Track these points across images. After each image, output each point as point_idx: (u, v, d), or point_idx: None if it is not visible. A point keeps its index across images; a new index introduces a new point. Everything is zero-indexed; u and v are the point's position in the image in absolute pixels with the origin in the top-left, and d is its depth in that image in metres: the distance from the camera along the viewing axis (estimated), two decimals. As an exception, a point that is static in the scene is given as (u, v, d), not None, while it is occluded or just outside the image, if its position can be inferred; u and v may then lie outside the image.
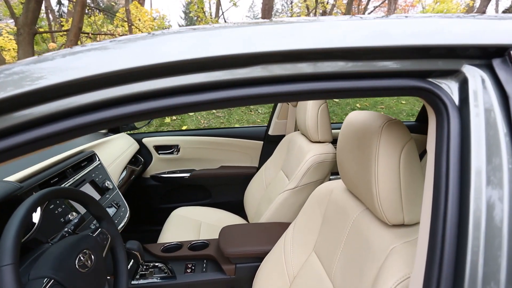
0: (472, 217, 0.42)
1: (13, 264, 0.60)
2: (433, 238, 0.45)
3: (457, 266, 0.43)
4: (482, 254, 0.42)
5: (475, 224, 0.42)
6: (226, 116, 4.93)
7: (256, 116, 4.99)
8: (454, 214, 0.44)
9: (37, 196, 0.73)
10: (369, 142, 0.68)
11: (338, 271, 0.81)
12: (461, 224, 0.43)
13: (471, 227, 0.42)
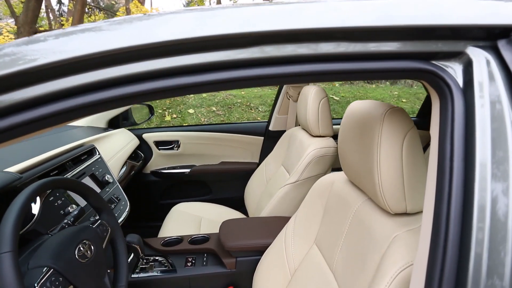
0: (477, 200, 0.42)
1: (12, 251, 0.60)
2: (437, 226, 0.45)
3: (461, 255, 0.42)
4: (487, 242, 0.41)
5: (480, 209, 0.41)
6: (226, 114, 4.92)
7: (256, 114, 4.98)
8: (459, 200, 0.43)
9: (37, 185, 0.73)
10: (371, 130, 0.67)
11: (339, 262, 0.81)
12: (466, 210, 0.42)
13: (475, 213, 0.42)
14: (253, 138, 1.99)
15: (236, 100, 5.30)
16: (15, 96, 0.39)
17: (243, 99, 5.37)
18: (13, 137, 0.41)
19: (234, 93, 5.65)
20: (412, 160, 0.65)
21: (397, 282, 0.57)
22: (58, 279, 0.68)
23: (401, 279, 0.57)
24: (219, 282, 1.17)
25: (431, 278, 0.44)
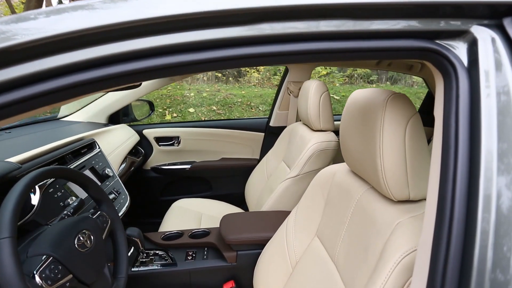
0: (482, 180, 0.41)
1: (11, 237, 0.59)
2: (441, 210, 0.44)
3: (466, 240, 0.41)
4: (493, 227, 0.40)
5: (486, 189, 0.41)
6: (226, 113, 4.92)
7: (256, 112, 4.98)
8: (464, 181, 0.42)
9: (36, 173, 0.72)
10: (373, 116, 0.66)
11: (341, 253, 0.80)
12: (471, 192, 0.42)
13: (481, 193, 0.41)
14: (254, 134, 1.98)
15: (237, 99, 5.30)
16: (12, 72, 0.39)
17: (243, 98, 5.37)
18: (11, 114, 0.41)
19: (235, 92, 5.65)
20: (415, 146, 0.64)
21: (400, 268, 0.56)
22: (57, 267, 0.67)
23: (404, 264, 0.56)
24: (219, 276, 1.16)
25: (435, 264, 0.43)
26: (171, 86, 5.76)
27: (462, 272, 0.40)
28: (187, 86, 6.03)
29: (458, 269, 0.41)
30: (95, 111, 1.71)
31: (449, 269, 0.41)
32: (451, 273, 0.41)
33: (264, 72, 7.23)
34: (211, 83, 6.69)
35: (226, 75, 7.87)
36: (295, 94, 1.79)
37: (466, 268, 0.40)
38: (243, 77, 7.63)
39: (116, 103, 1.71)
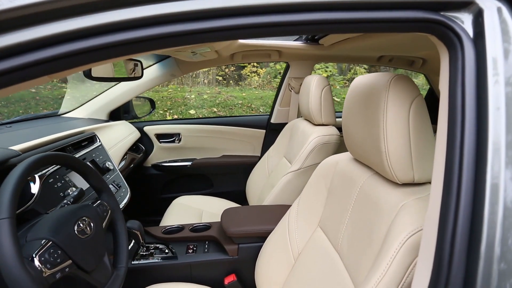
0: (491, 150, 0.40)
1: (10, 218, 0.58)
2: (448, 186, 0.43)
3: (474, 217, 0.40)
4: (502, 205, 0.39)
5: (493, 162, 0.40)
6: (227, 115, 4.92)
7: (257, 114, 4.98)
8: (471, 151, 0.41)
9: (37, 157, 0.71)
10: (377, 98, 0.66)
11: (344, 241, 0.79)
12: (479, 165, 0.41)
13: (489, 168, 0.40)
14: (255, 131, 1.97)
15: (237, 101, 5.31)
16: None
17: (244, 100, 5.38)
18: (13, 82, 0.40)
19: (235, 94, 5.66)
20: (419, 128, 0.63)
21: (406, 248, 0.55)
22: (56, 252, 0.66)
23: (410, 244, 0.55)
24: (221, 269, 1.14)
25: (442, 242, 0.42)
26: (172, 89, 5.78)
27: (470, 249, 0.39)
28: (188, 89, 6.04)
29: (465, 246, 0.40)
30: (96, 107, 1.71)
31: (456, 247, 0.40)
32: (458, 251, 0.40)
33: (264, 75, 7.24)
34: (212, 86, 6.70)
35: (227, 79, 7.89)
36: (296, 90, 1.78)
37: (474, 243, 0.39)
38: (243, 80, 7.64)
39: (116, 100, 1.71)
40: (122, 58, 0.46)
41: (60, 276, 0.66)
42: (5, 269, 0.55)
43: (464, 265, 0.39)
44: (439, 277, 0.40)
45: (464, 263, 0.39)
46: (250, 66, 7.95)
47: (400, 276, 0.54)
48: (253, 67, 7.93)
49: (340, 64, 8.66)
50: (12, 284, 0.56)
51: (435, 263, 0.43)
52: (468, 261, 0.39)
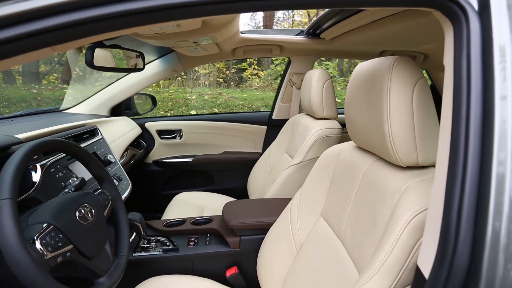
0: (498, 120, 0.39)
1: (12, 198, 0.58)
2: (453, 163, 0.42)
3: (480, 193, 0.39)
4: (509, 180, 0.39)
5: (501, 129, 0.39)
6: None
7: (258, 115, 4.98)
8: (478, 121, 0.40)
9: (40, 141, 0.71)
10: (380, 81, 0.65)
11: (348, 228, 0.78)
12: (485, 139, 0.40)
13: (496, 136, 0.39)
14: (256, 128, 1.97)
15: (238, 102, 5.32)
16: None
17: (245, 101, 5.39)
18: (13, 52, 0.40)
19: (236, 95, 5.67)
20: (423, 110, 0.63)
21: (410, 227, 0.54)
22: (58, 236, 0.66)
23: (414, 224, 0.54)
24: (222, 262, 1.14)
25: (447, 219, 0.41)
26: (173, 90, 5.79)
27: (476, 224, 0.39)
28: (189, 90, 6.06)
29: (472, 221, 0.39)
30: (98, 103, 1.71)
31: (463, 225, 0.40)
32: (464, 227, 0.39)
33: (265, 76, 7.26)
34: (212, 88, 6.72)
35: (228, 81, 7.91)
36: (298, 85, 1.78)
37: (481, 218, 0.38)
38: (244, 83, 7.66)
39: (118, 95, 1.71)
40: (129, 31, 0.45)
41: (62, 260, 0.65)
42: (6, 250, 0.55)
43: (471, 240, 0.38)
44: (444, 255, 0.39)
45: (471, 238, 0.38)
46: (250, 69, 7.98)
47: (405, 256, 0.54)
48: (253, 69, 7.96)
49: (341, 66, 8.69)
50: (13, 264, 0.55)
51: (440, 241, 0.42)
52: (474, 235, 0.38)
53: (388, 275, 0.54)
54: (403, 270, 0.54)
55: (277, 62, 7.54)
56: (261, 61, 8.66)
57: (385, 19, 1.04)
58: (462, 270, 0.37)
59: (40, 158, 0.96)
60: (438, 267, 0.39)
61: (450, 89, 0.46)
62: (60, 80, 6.90)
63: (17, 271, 0.55)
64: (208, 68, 7.93)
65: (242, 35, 1.47)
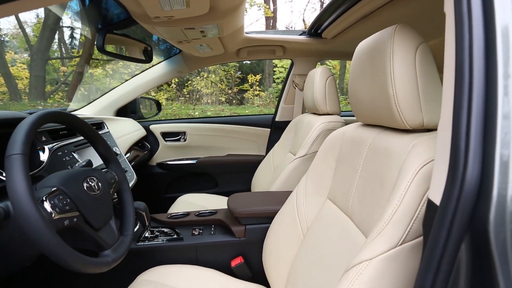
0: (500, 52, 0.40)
1: (23, 155, 0.58)
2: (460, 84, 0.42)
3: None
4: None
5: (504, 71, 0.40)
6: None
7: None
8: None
9: (51, 110, 0.72)
10: (383, 47, 0.67)
11: (355, 201, 0.77)
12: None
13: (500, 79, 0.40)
14: (260, 130, 1.98)
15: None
16: None
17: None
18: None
19: (239, 111, 5.74)
20: (426, 71, 0.64)
21: (419, 177, 0.54)
22: (65, 199, 0.66)
23: (423, 173, 0.54)
24: (227, 251, 1.11)
25: (456, 142, 0.41)
26: (176, 107, 5.87)
27: (485, 143, 0.38)
28: (192, 106, 6.15)
29: (481, 139, 0.39)
30: (104, 105, 1.74)
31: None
32: (473, 146, 0.38)
33: (267, 94, 7.38)
34: (215, 105, 6.82)
35: (230, 100, 8.05)
36: (301, 87, 1.82)
37: (489, 138, 0.38)
38: (246, 103, 7.78)
39: (124, 97, 1.74)
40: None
41: (68, 224, 0.65)
42: (16, 203, 0.55)
43: (480, 157, 0.38)
44: (455, 175, 0.39)
45: (480, 154, 0.38)
46: (252, 90, 8.15)
47: (415, 206, 0.53)
48: (254, 90, 8.12)
49: (342, 85, 8.84)
50: (22, 218, 0.55)
51: (450, 163, 0.41)
52: (484, 153, 0.38)
53: (398, 226, 0.54)
54: (414, 220, 0.53)
55: (279, 81, 7.69)
56: (263, 82, 8.84)
57: (382, 8, 1.08)
58: (473, 188, 0.37)
59: (49, 141, 0.97)
60: (449, 190, 0.39)
61: (452, 37, 0.47)
62: (66, 99, 7.04)
63: (25, 225, 0.55)
64: (211, 87, 8.10)
65: (246, 35, 1.52)
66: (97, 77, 8.06)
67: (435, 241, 0.39)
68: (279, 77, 7.88)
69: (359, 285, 0.54)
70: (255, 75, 8.34)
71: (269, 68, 8.78)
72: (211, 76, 8.08)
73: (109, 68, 7.97)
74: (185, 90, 7.91)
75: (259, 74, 8.45)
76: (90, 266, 0.65)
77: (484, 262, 0.36)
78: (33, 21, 8.57)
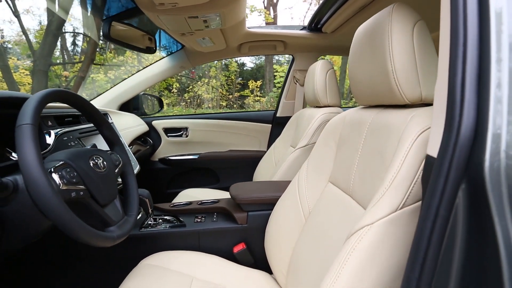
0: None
1: (33, 125, 0.60)
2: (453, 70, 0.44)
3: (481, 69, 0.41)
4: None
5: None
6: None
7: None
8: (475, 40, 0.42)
9: (61, 90, 0.74)
10: (381, 27, 0.69)
11: (356, 179, 0.78)
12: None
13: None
14: (261, 126, 2.00)
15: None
16: None
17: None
18: None
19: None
20: (423, 47, 0.66)
21: (418, 143, 0.56)
22: (72, 172, 0.67)
23: (422, 139, 0.56)
24: (230, 238, 1.12)
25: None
26: (177, 110, 5.91)
27: (479, 92, 0.40)
28: (193, 111, 6.19)
29: (475, 89, 0.40)
30: (107, 100, 1.76)
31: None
32: (468, 95, 0.40)
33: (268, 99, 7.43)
34: (216, 109, 6.86)
35: (230, 105, 8.10)
36: (301, 82, 1.84)
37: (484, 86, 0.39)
38: (246, 108, 7.83)
39: (127, 92, 1.77)
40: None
41: (75, 196, 0.66)
42: (27, 171, 0.56)
43: (475, 104, 0.39)
44: (452, 124, 0.41)
45: (475, 102, 0.40)
46: (252, 96, 8.21)
47: (415, 170, 0.55)
48: (255, 96, 8.18)
49: (342, 90, 8.89)
50: (33, 185, 0.56)
51: (447, 115, 0.42)
52: (478, 101, 0.39)
53: (398, 190, 0.55)
54: (413, 184, 0.54)
55: (280, 86, 7.75)
56: (263, 88, 8.90)
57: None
58: (468, 135, 0.39)
59: (54, 126, 0.99)
60: (446, 140, 0.41)
61: (447, 11, 0.49)
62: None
63: (35, 192, 0.56)
64: (212, 93, 8.17)
65: (248, 29, 1.55)
66: (99, 83, 8.13)
67: (433, 189, 0.41)
68: (279, 82, 7.94)
69: (361, 249, 0.55)
70: (255, 81, 8.41)
71: (270, 74, 8.86)
72: (212, 81, 8.16)
73: (111, 74, 8.04)
74: (186, 95, 7.99)
75: (259, 80, 8.53)
76: (96, 238, 0.66)
77: (480, 205, 0.37)
78: (35, 28, 8.69)
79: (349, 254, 0.56)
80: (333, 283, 0.56)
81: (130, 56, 8.93)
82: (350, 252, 0.56)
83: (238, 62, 9.04)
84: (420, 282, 0.41)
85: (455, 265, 0.38)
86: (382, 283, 0.54)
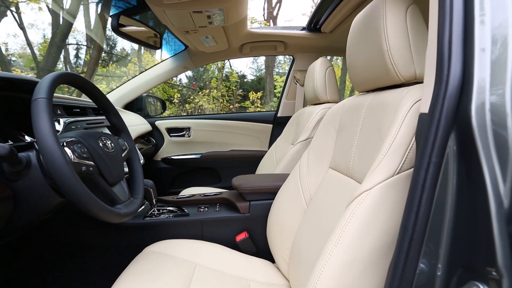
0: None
1: (48, 99, 0.63)
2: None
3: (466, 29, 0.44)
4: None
5: None
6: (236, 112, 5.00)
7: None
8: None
9: (72, 73, 0.78)
10: (376, 11, 0.73)
11: (356, 160, 0.81)
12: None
13: None
14: (263, 126, 2.04)
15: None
16: None
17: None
18: None
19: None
20: (416, 28, 0.70)
21: (412, 112, 0.59)
22: (83, 148, 0.70)
23: (414, 109, 0.59)
24: (232, 227, 1.14)
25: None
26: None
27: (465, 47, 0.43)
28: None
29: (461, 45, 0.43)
30: (112, 100, 1.80)
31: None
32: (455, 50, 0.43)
33: (268, 108, 7.49)
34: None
35: (230, 109, 8.18)
36: (301, 82, 1.88)
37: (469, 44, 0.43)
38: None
39: (132, 92, 1.81)
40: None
41: (85, 170, 0.69)
42: (42, 141, 0.59)
43: (461, 58, 0.43)
44: (441, 77, 0.44)
45: (461, 57, 0.43)
46: (253, 107, 8.28)
47: (410, 136, 0.57)
48: (256, 107, 8.26)
49: (342, 92, 8.96)
50: (48, 155, 0.59)
51: (437, 72, 0.45)
52: (464, 56, 0.43)
53: (395, 156, 0.58)
54: (409, 149, 0.57)
55: (280, 95, 7.82)
56: (263, 99, 8.98)
57: None
58: (456, 85, 0.42)
59: (63, 115, 1.02)
60: (436, 92, 0.44)
61: None
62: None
63: (49, 162, 0.59)
64: (212, 103, 8.23)
65: (249, 29, 1.61)
66: (102, 93, 8.20)
67: (425, 140, 0.43)
68: (279, 92, 8.00)
69: (360, 213, 0.58)
70: (256, 92, 8.49)
71: (270, 86, 8.96)
72: (213, 91, 8.24)
73: (113, 84, 8.16)
74: (187, 106, 8.06)
75: (260, 91, 8.61)
76: (105, 213, 0.68)
77: (469, 150, 0.40)
78: (39, 42, 8.85)
79: (349, 219, 0.58)
80: (334, 247, 0.58)
81: (131, 68, 9.08)
82: (350, 217, 0.58)
83: (238, 74, 9.16)
84: (416, 227, 0.43)
85: (448, 207, 0.40)
86: (382, 244, 0.56)
